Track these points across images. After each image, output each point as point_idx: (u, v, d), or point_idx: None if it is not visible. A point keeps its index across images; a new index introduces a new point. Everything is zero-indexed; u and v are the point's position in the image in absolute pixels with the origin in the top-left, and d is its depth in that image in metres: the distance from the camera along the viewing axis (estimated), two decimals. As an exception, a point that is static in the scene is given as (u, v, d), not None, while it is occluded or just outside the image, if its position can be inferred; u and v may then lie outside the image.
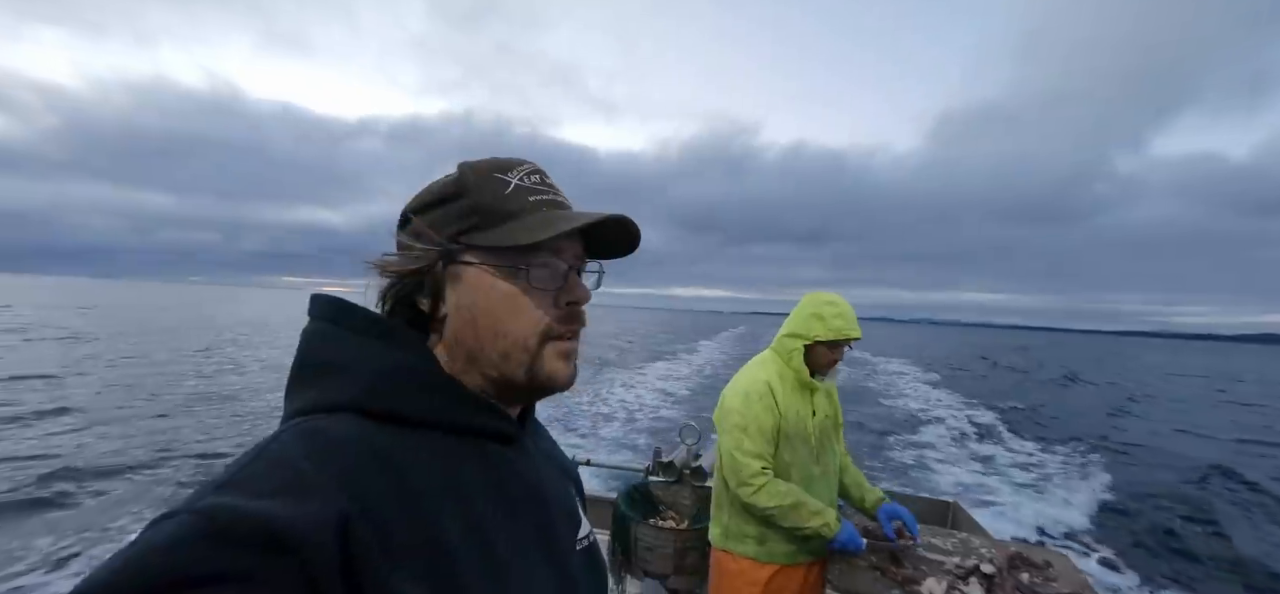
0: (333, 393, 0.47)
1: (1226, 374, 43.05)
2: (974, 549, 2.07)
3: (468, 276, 0.52)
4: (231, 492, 0.37)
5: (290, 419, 0.47)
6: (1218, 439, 13.76)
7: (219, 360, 17.16)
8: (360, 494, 0.40)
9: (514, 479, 0.53)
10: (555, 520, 0.57)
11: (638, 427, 11.03)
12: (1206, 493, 9.04)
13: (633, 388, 15.54)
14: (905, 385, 20.13)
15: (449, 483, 0.47)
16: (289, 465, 0.40)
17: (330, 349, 0.50)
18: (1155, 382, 30.29)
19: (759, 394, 1.84)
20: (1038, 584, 1.82)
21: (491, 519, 0.49)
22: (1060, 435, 12.74)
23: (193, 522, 0.34)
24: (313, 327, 0.52)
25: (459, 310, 0.52)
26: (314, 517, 0.37)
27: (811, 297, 1.93)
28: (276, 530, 0.35)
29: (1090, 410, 17.24)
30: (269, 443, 0.42)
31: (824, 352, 1.88)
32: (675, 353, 29.24)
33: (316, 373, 0.49)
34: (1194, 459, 11.33)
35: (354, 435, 0.44)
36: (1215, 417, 18.05)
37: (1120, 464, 10.45)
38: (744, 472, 1.79)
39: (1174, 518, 7.58)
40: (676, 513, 3.03)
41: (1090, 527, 7.00)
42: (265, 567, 0.34)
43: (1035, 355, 50.44)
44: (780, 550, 1.88)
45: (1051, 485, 8.69)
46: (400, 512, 0.42)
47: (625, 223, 0.56)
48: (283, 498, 0.37)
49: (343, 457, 0.41)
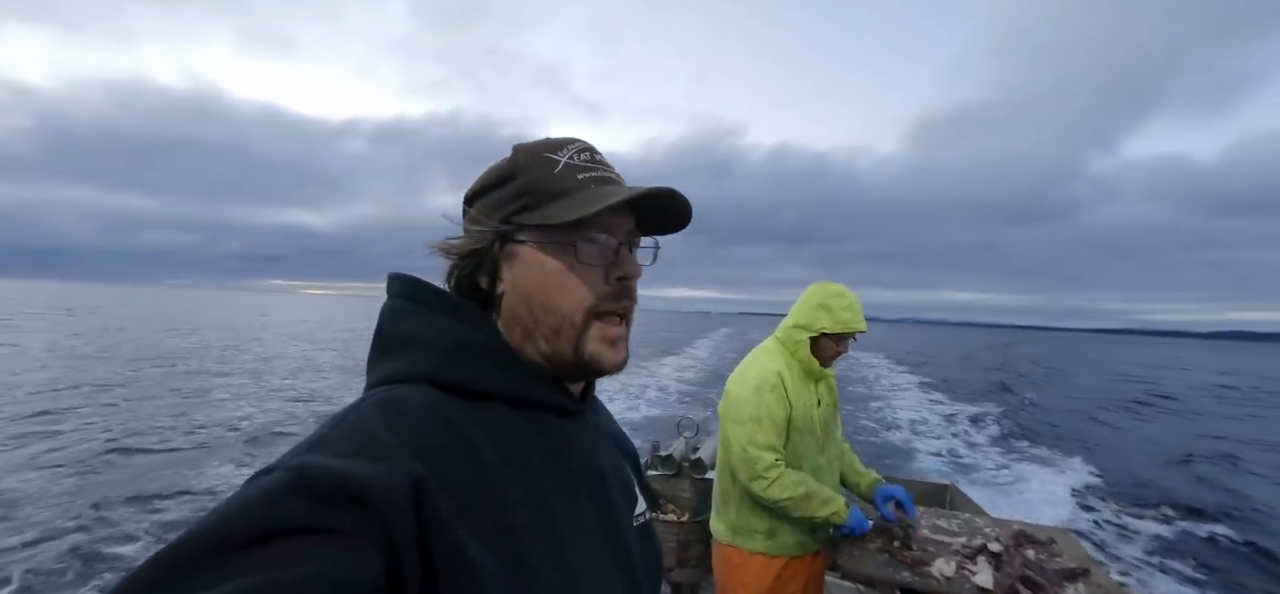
0: (409, 365, 0.50)
1: (1211, 369, 44.17)
2: (978, 529, 2.08)
3: (521, 255, 0.54)
4: (318, 451, 0.40)
5: (371, 389, 0.50)
6: (1201, 431, 14.10)
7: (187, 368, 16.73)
8: (432, 460, 0.42)
9: (574, 453, 0.55)
10: (613, 495, 0.58)
11: (633, 423, 11.02)
12: (1189, 477, 9.28)
13: (627, 387, 15.50)
14: (892, 381, 20.34)
15: (513, 453, 0.49)
16: (368, 431, 0.42)
17: (406, 323, 0.53)
18: (1145, 376, 30.98)
19: (771, 386, 1.81)
20: (1044, 560, 1.83)
21: (551, 490, 0.50)
22: (1048, 426, 12.97)
23: (283, 478, 0.37)
24: (391, 303, 0.55)
25: (514, 288, 0.54)
26: (391, 478, 0.39)
27: (818, 286, 1.90)
28: (359, 488, 0.37)
29: (1075, 404, 17.55)
30: (350, 410, 0.46)
31: (829, 344, 1.86)
32: (680, 350, 29.23)
33: (395, 346, 0.53)
34: (1178, 448, 11.62)
35: (427, 404, 0.47)
36: (1200, 411, 18.47)
37: (1104, 452, 10.66)
38: (759, 464, 1.76)
39: (1162, 498, 7.78)
40: (677, 506, 3.01)
41: (1081, 510, 7.14)
42: (350, 520, 0.37)
43: (1018, 352, 51.29)
44: (790, 542, 1.86)
45: (1040, 472, 8.86)
46: (468, 479, 0.44)
47: (675, 196, 0.55)
48: (363, 459, 0.40)
49: (416, 424, 0.44)
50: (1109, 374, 31.89)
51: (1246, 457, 11.02)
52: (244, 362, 18.56)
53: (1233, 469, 9.99)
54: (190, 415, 10.22)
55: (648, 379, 17.33)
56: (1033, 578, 1.70)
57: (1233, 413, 18.33)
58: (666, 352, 28.04)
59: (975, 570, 1.75)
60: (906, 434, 11.41)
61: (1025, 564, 1.78)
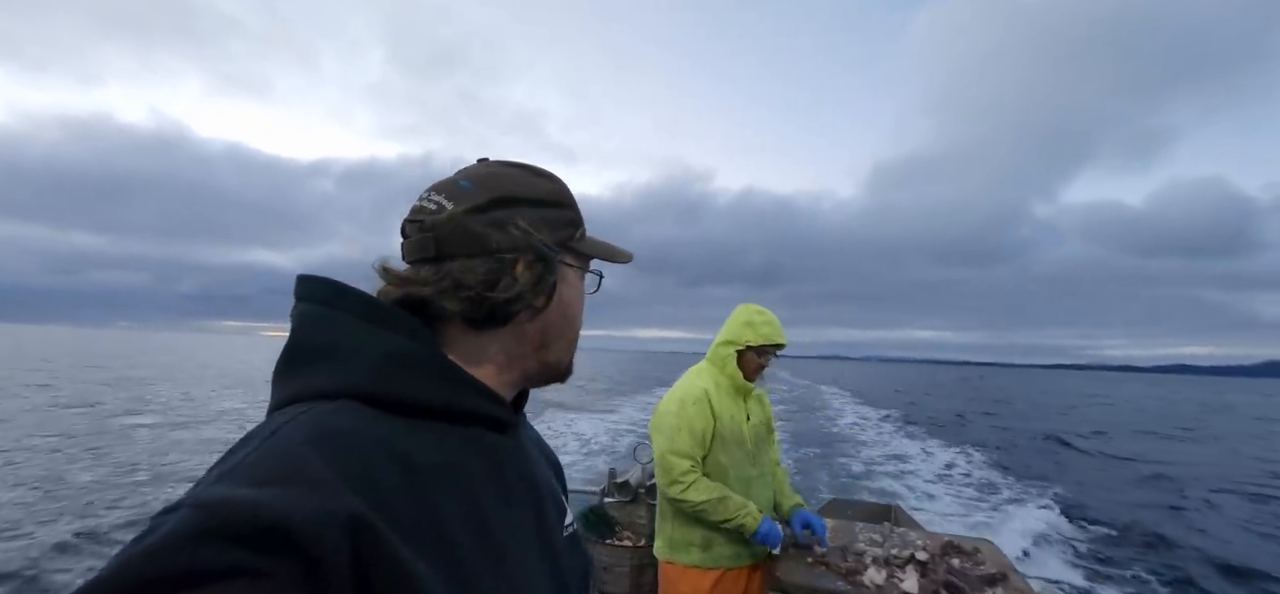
0: (331, 378, 0.44)
1: (1158, 399, 46.32)
2: (911, 542, 2.20)
3: (568, 276, 0.58)
4: (231, 481, 0.35)
5: (283, 407, 0.43)
6: (1153, 462, 14.73)
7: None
8: (368, 487, 0.39)
9: (510, 468, 0.53)
10: (546, 509, 0.58)
11: (592, 450, 11.00)
12: (1139, 502, 9.71)
13: (589, 423, 15.37)
14: (853, 414, 20.73)
15: (451, 471, 0.45)
16: (290, 454, 0.38)
17: (326, 332, 0.46)
18: (1094, 411, 32.29)
19: (694, 399, 1.95)
20: (968, 568, 1.95)
21: (490, 506, 0.48)
22: (1002, 456, 13.39)
23: (191, 517, 0.33)
24: (305, 309, 0.48)
25: (559, 303, 0.57)
26: (322, 510, 0.36)
27: (743, 307, 2.09)
28: (283, 525, 0.34)
29: (1031, 436, 18.17)
30: (267, 431, 0.39)
31: (753, 358, 2.03)
32: (649, 389, 29.02)
33: (312, 356, 0.45)
34: (1131, 479, 12.15)
35: (359, 423, 0.41)
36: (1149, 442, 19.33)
37: (1058, 482, 11.06)
38: (674, 470, 1.88)
39: (1109, 519, 8.15)
40: (633, 531, 3.04)
41: (1027, 531, 7.41)
42: (271, 561, 0.33)
43: (976, 388, 52.96)
44: (724, 554, 1.95)
45: (988, 496, 9.20)
46: (407, 503, 0.40)
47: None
48: (286, 487, 0.36)
49: (349, 445, 0.40)
50: (1060, 406, 33.19)
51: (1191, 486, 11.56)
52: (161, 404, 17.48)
53: (1177, 496, 10.48)
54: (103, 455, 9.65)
55: (607, 418, 17.17)
56: (955, 584, 1.82)
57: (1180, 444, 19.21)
58: (636, 390, 27.85)
59: (903, 578, 1.86)
60: (861, 461, 11.79)
61: (949, 571, 1.90)
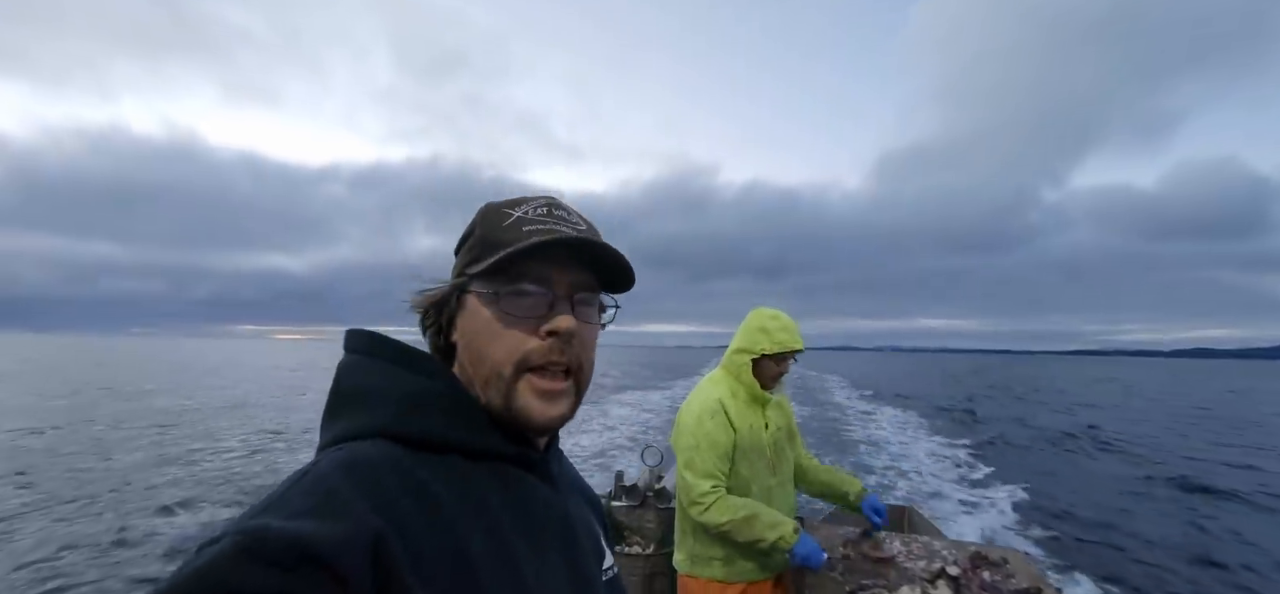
0: (364, 419, 0.50)
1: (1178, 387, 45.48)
2: (937, 552, 2.07)
3: (468, 306, 0.53)
4: (269, 513, 0.42)
5: (325, 448, 0.49)
6: (1170, 451, 14.34)
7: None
8: (390, 513, 0.44)
9: (537, 504, 0.52)
10: (581, 548, 0.56)
11: (598, 457, 10.82)
12: (1148, 498, 9.41)
13: (595, 422, 15.24)
14: (863, 407, 20.41)
15: (473, 503, 0.49)
16: (324, 488, 0.44)
17: (362, 378, 0.51)
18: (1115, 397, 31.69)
19: (712, 412, 1.85)
20: (999, 581, 1.82)
21: (515, 541, 0.50)
22: (1014, 450, 13.11)
23: (233, 543, 0.39)
24: (347, 359, 0.53)
25: (462, 339, 0.54)
26: (347, 534, 0.41)
27: (756, 312, 1.96)
28: (311, 548, 0.39)
29: (1045, 428, 17.81)
30: (307, 469, 0.47)
31: (770, 365, 1.90)
32: (658, 385, 28.85)
33: (349, 401, 0.51)
34: (1142, 470, 11.81)
35: (384, 457, 0.48)
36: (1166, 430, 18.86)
37: (1070, 474, 10.80)
38: (694, 491, 1.78)
39: (1116, 519, 7.87)
40: (642, 537, 2.93)
41: (1037, 531, 7.17)
42: (305, 583, 0.38)
43: (993, 377, 52.24)
44: (747, 567, 1.85)
45: (999, 494, 8.92)
46: (428, 530, 0.45)
47: (589, 245, 0.51)
48: (317, 518, 0.42)
49: (374, 477, 0.46)
50: (1082, 397, 32.58)
51: (1212, 479, 11.19)
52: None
53: (1196, 493, 10.14)
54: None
55: (611, 417, 16.95)
56: (989, 599, 1.69)
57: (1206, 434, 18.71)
58: (643, 386, 27.74)
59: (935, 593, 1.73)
60: (870, 460, 11.42)
61: (982, 586, 1.77)
